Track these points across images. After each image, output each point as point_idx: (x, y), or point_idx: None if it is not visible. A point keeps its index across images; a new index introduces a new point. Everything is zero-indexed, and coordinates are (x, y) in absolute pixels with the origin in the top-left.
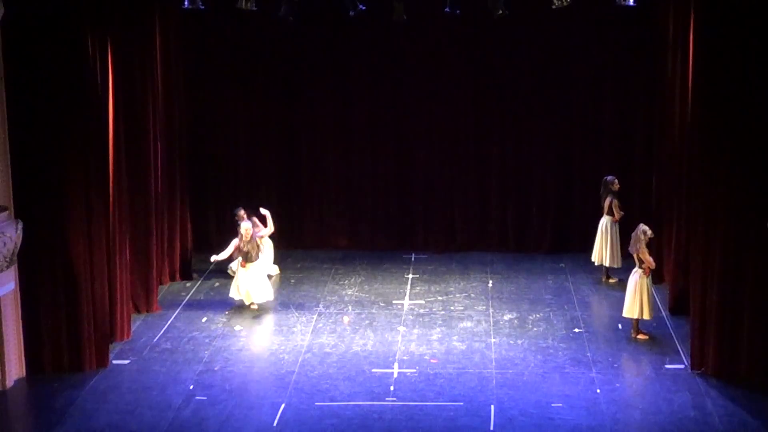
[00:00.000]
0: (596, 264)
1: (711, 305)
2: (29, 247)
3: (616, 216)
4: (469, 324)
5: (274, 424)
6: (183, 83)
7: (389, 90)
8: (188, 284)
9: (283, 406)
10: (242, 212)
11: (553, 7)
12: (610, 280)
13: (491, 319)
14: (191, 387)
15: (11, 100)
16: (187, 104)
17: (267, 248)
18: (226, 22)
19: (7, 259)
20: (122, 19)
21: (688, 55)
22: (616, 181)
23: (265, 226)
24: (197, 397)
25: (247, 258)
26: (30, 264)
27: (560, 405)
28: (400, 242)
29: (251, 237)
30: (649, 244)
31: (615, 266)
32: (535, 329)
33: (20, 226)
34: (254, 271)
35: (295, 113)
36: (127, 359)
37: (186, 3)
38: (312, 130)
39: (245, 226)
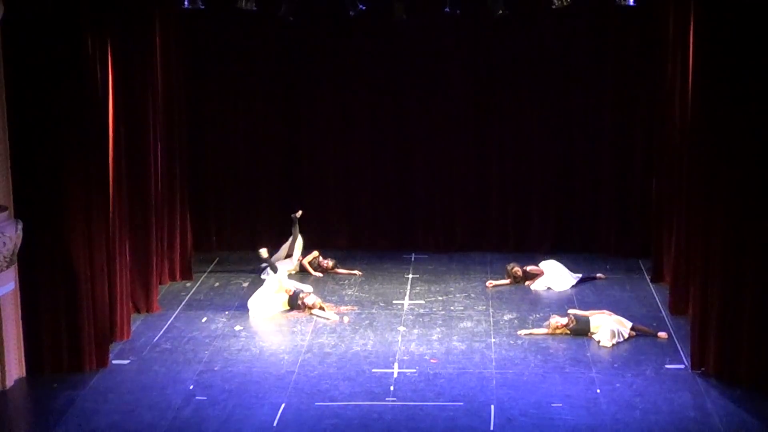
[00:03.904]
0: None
1: (711, 305)
2: (29, 247)
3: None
4: (469, 324)
5: (274, 424)
6: (183, 83)
7: (389, 90)
8: (188, 284)
9: (283, 406)
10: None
11: (553, 7)
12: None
13: (491, 319)
14: (191, 387)
15: (11, 100)
16: (187, 104)
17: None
18: (226, 22)
19: (7, 259)
20: (122, 19)
21: (688, 55)
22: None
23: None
24: (197, 397)
25: (291, 303)
26: (30, 264)
27: (560, 405)
28: (400, 242)
29: (305, 305)
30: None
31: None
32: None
33: (20, 226)
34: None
35: (295, 113)
36: (127, 359)
37: (186, 3)
38: (312, 130)
39: (314, 302)
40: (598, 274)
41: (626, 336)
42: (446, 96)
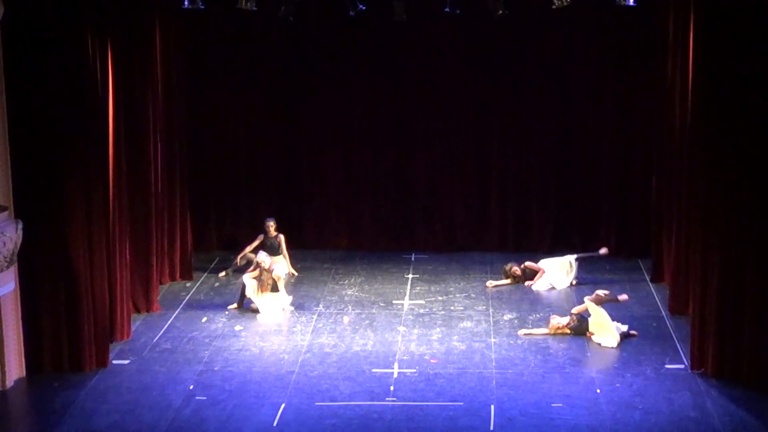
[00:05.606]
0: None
1: (711, 305)
2: (29, 247)
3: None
4: (469, 324)
5: (274, 424)
6: (183, 83)
7: (389, 90)
8: (188, 284)
9: (283, 406)
10: (272, 224)
11: (553, 7)
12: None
13: (491, 319)
14: (191, 387)
15: (11, 100)
16: (187, 104)
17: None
18: (226, 22)
19: (7, 259)
20: (122, 19)
21: (688, 55)
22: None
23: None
24: (197, 397)
25: (262, 286)
26: (30, 264)
27: (560, 405)
28: (400, 242)
29: (270, 267)
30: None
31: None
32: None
33: (20, 226)
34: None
35: (295, 113)
36: (127, 359)
37: (186, 3)
38: (312, 130)
39: (262, 259)
40: (601, 251)
41: (624, 328)
42: (446, 96)
